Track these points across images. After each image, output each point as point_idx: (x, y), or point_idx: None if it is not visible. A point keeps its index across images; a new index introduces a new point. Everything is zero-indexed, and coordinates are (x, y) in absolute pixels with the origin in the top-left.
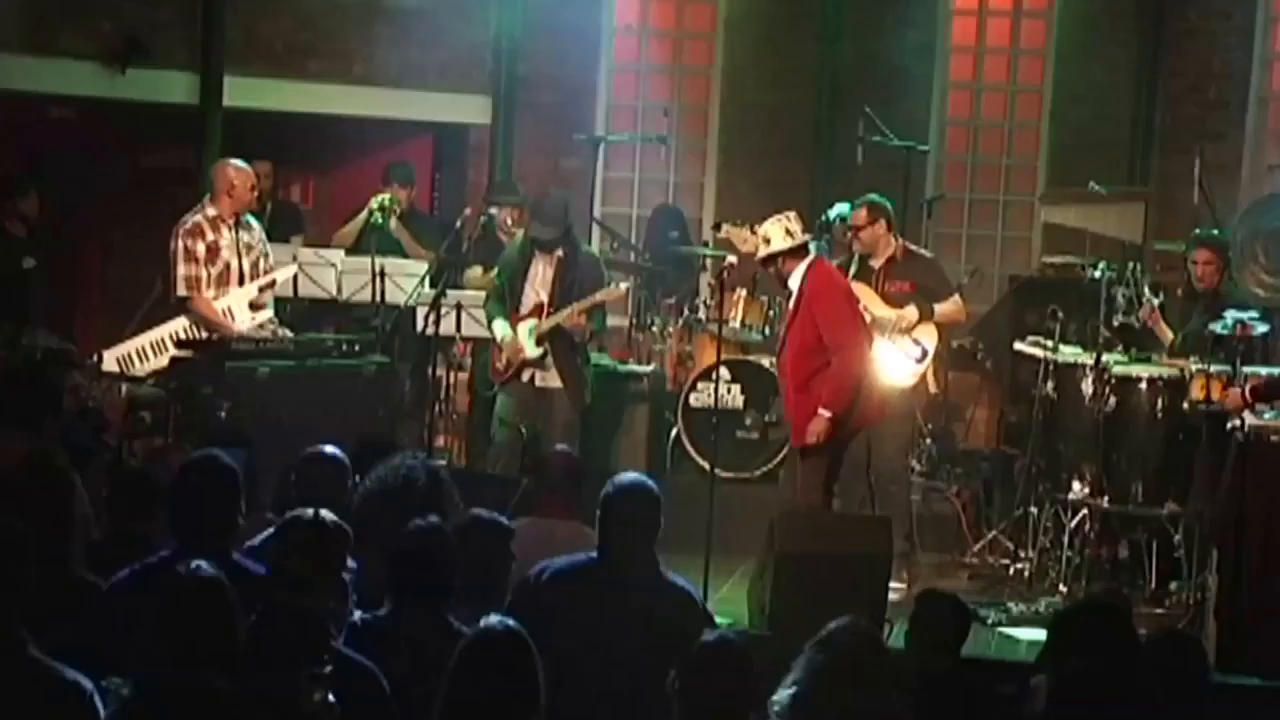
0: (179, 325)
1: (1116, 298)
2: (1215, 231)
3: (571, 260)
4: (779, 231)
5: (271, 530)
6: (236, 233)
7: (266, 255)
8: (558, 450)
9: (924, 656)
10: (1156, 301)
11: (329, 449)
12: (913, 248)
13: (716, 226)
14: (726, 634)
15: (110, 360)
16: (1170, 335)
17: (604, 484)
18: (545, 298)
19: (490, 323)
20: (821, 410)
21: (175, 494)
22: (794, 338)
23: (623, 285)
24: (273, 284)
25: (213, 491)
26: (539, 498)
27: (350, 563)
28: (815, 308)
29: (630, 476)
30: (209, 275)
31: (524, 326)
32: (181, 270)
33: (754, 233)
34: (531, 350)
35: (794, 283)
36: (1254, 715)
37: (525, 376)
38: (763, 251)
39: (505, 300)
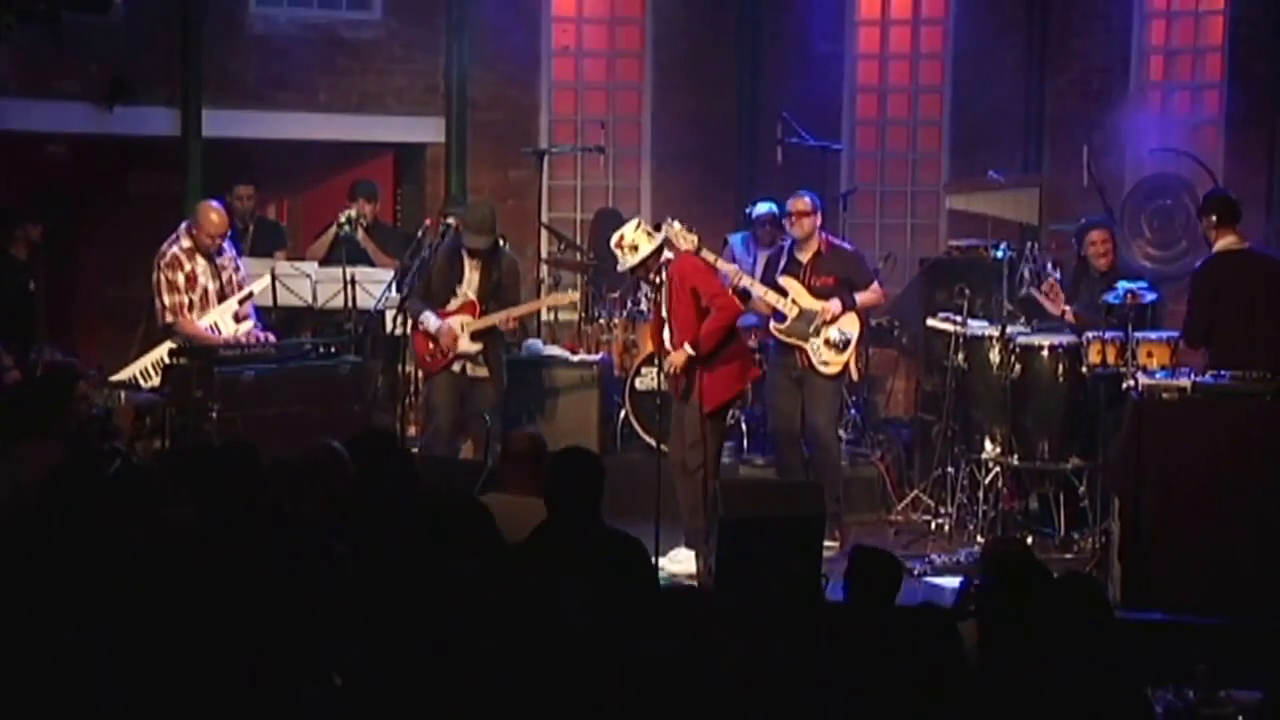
0: (171, 345)
1: (1024, 272)
2: (1100, 216)
3: (494, 262)
4: (643, 237)
5: None
6: (210, 258)
7: (238, 269)
8: (522, 430)
9: (863, 607)
10: (1056, 276)
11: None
12: (835, 242)
13: (656, 227)
14: None
15: (118, 380)
16: (1059, 311)
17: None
18: (474, 296)
19: (417, 316)
20: (687, 345)
21: None
22: (678, 320)
23: (572, 293)
24: (250, 296)
25: None
26: (503, 475)
27: None
28: (694, 282)
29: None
30: (191, 301)
31: (455, 321)
32: (166, 300)
33: (619, 245)
34: (468, 345)
35: (660, 279)
36: (1156, 646)
37: (456, 367)
38: (633, 260)
39: (428, 295)
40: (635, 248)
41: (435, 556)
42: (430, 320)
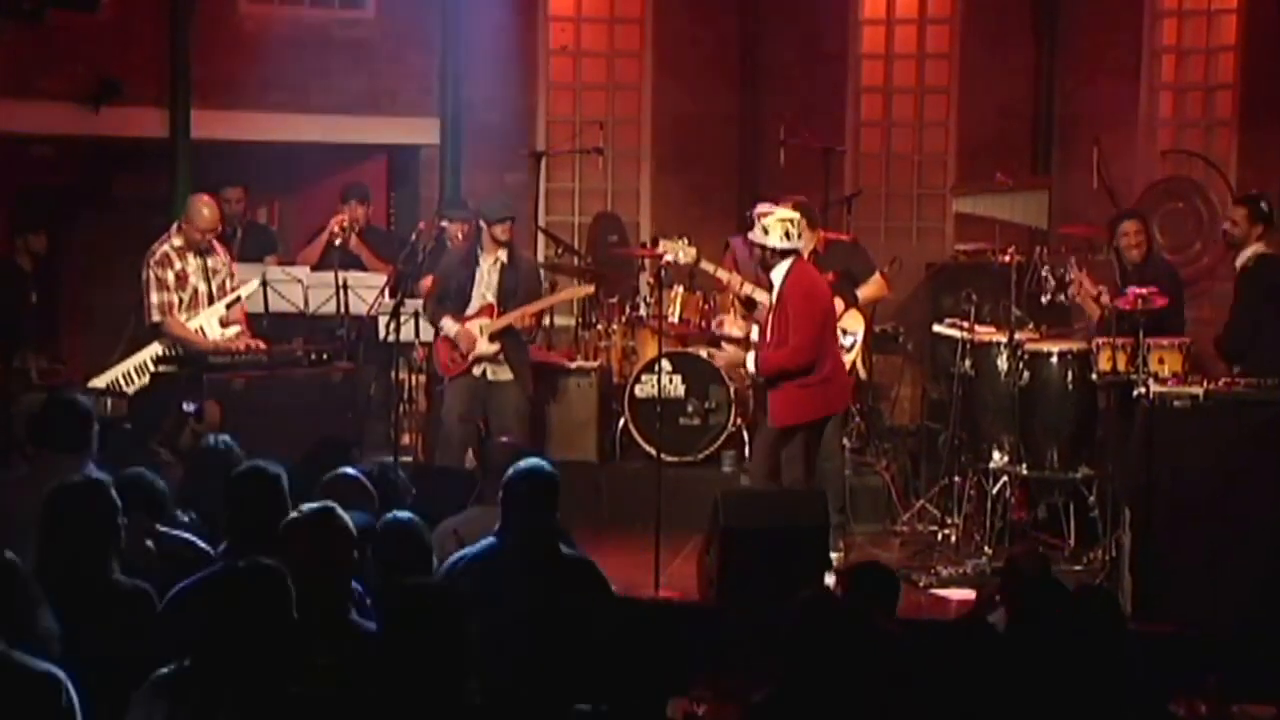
0: (157, 348)
1: (1046, 278)
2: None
3: (512, 264)
4: (779, 231)
5: None
6: (203, 258)
7: (231, 275)
8: (501, 440)
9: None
10: (1085, 279)
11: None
12: (831, 237)
13: (654, 241)
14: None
15: (100, 384)
16: (1099, 310)
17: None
18: (493, 299)
19: (436, 322)
20: (765, 356)
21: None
22: (776, 331)
23: (587, 285)
24: (238, 300)
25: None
26: (487, 488)
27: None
28: (790, 307)
29: (529, 462)
30: (180, 300)
31: (474, 325)
32: (154, 298)
33: (764, 215)
34: (486, 347)
35: (776, 276)
36: (1168, 660)
37: (476, 371)
38: (758, 239)
39: (445, 302)
40: (766, 231)
41: None
42: (449, 325)
